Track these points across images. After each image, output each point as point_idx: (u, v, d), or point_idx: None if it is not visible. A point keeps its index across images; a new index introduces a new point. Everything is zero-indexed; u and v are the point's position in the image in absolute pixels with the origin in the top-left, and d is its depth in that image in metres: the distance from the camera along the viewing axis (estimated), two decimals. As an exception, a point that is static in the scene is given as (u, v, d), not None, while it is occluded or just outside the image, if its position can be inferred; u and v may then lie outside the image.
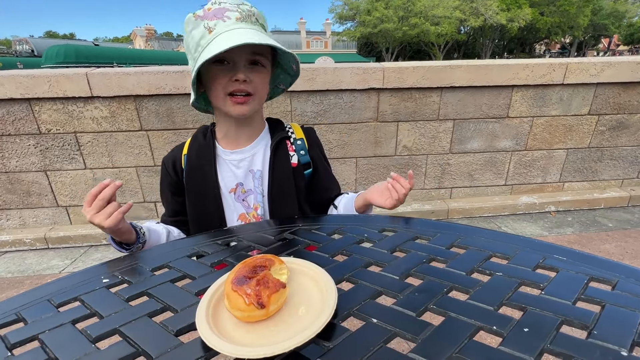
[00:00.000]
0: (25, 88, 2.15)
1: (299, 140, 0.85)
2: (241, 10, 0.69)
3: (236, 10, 0.68)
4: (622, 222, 2.63)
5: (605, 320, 0.40)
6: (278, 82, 0.86)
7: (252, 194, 0.82)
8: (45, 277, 2.13)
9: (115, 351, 0.40)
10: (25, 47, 20.83)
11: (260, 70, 0.74)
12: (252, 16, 0.70)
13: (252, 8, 0.71)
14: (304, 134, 0.87)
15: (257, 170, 0.82)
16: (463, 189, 2.85)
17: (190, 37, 0.70)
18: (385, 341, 0.39)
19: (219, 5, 0.68)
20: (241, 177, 0.81)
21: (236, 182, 0.81)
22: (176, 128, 2.38)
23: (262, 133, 0.84)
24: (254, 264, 0.46)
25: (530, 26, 27.21)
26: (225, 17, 0.67)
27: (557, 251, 0.56)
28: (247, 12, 0.69)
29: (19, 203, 2.48)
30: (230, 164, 0.81)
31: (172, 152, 0.85)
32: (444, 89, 2.48)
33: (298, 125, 0.89)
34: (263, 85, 0.76)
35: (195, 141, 0.83)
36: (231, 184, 0.81)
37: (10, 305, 0.50)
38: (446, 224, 0.69)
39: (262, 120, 0.86)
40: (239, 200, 0.82)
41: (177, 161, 0.83)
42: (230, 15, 0.68)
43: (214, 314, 0.44)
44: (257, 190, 0.82)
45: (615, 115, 2.71)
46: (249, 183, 0.82)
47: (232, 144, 0.82)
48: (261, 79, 0.74)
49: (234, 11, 0.68)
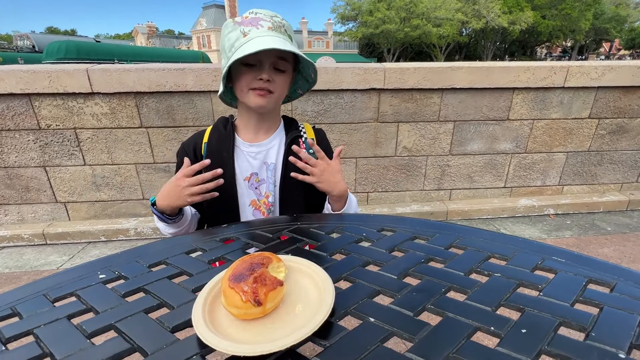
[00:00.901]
0: (25, 83, 2.15)
1: (310, 139, 0.94)
2: (274, 21, 0.80)
3: (269, 21, 0.79)
4: (621, 225, 2.63)
5: (603, 322, 0.40)
6: (297, 87, 0.96)
7: (264, 183, 0.91)
8: (42, 273, 2.13)
9: (110, 347, 0.39)
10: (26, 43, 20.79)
11: (282, 74, 0.83)
12: (282, 27, 0.81)
13: (283, 21, 0.82)
14: (314, 135, 0.96)
15: (271, 163, 0.91)
16: (462, 190, 2.85)
17: (226, 38, 0.80)
18: (383, 340, 0.39)
19: (255, 15, 0.80)
20: (256, 167, 0.90)
21: (251, 171, 0.90)
22: (176, 125, 2.38)
23: (278, 129, 0.94)
24: (251, 262, 0.46)
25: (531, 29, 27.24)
26: (259, 25, 0.78)
27: (555, 253, 0.56)
28: (278, 24, 0.80)
29: (17, 198, 2.47)
30: (247, 155, 0.90)
31: (193, 138, 0.93)
32: (444, 91, 2.48)
33: (310, 126, 0.98)
34: (283, 86, 0.85)
35: (216, 130, 0.91)
36: (246, 173, 0.90)
37: (5, 300, 0.50)
38: (445, 225, 0.69)
39: (278, 117, 0.96)
40: (252, 188, 0.91)
41: (198, 147, 0.91)
42: (263, 24, 0.78)
43: (210, 311, 0.44)
44: (270, 181, 0.91)
45: (616, 119, 2.72)
46: (263, 173, 0.91)
47: (251, 137, 0.91)
48: (282, 81, 0.84)
49: (267, 21, 0.79)
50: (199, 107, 2.34)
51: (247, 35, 0.77)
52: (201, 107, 2.35)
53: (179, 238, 0.71)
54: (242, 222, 0.77)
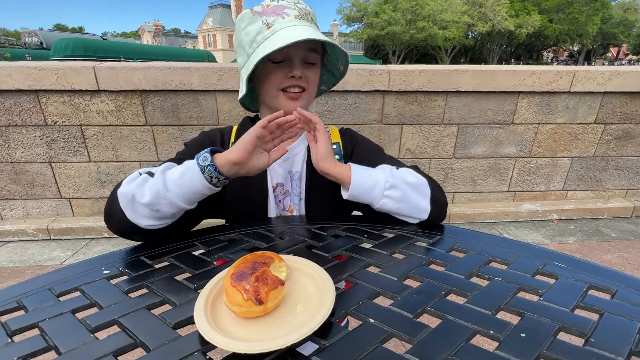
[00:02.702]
0: (33, 80, 2.17)
1: (334, 144, 0.81)
2: (299, 8, 0.70)
3: (294, 9, 0.69)
4: (626, 232, 2.61)
5: (603, 328, 0.40)
6: (321, 82, 0.85)
7: (289, 196, 0.80)
8: (46, 268, 2.15)
9: (113, 341, 0.40)
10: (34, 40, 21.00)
11: (314, 69, 0.74)
12: (308, 14, 0.71)
13: (308, 7, 0.72)
14: (340, 138, 0.83)
15: (296, 172, 0.80)
16: (465, 194, 2.84)
17: (244, 33, 0.70)
18: (382, 341, 0.39)
19: (277, 2, 0.69)
20: (281, 177, 0.80)
21: (277, 181, 0.80)
22: (181, 124, 2.40)
23: (304, 133, 0.81)
24: (253, 261, 0.46)
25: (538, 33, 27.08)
26: (285, 14, 0.68)
27: (557, 258, 0.56)
28: (304, 11, 0.70)
29: (23, 193, 2.50)
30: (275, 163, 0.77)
31: (220, 131, 0.82)
32: (449, 93, 2.48)
33: (336, 128, 0.86)
34: (315, 81, 0.76)
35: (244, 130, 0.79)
36: (274, 182, 0.80)
37: (11, 293, 0.50)
38: (446, 227, 0.69)
39: None
40: (276, 201, 0.80)
41: (225, 142, 0.80)
42: (289, 13, 0.68)
43: (212, 308, 0.44)
44: (295, 192, 0.80)
45: (622, 125, 2.70)
46: (288, 184, 0.80)
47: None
48: (314, 76, 0.75)
49: (292, 9, 0.69)
50: (204, 106, 2.36)
51: (271, 26, 0.67)
52: (206, 106, 2.36)
53: (182, 236, 0.71)
54: (244, 222, 0.77)
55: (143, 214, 0.60)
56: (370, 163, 0.73)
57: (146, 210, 0.60)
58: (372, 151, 0.83)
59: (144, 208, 0.59)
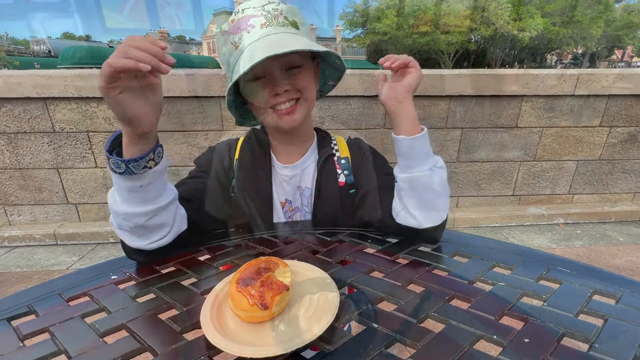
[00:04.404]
0: (41, 87, 2.22)
1: (343, 159, 0.78)
2: (266, 12, 0.63)
3: (260, 15, 0.62)
4: (634, 236, 2.58)
5: (608, 333, 0.40)
6: (326, 78, 0.80)
7: (298, 212, 0.78)
8: (53, 273, 2.17)
9: (122, 346, 0.41)
10: (42, 48, 21.39)
11: (301, 71, 0.67)
12: (280, 16, 0.64)
13: (280, 5, 0.64)
14: (348, 151, 0.79)
15: (306, 188, 0.77)
16: (470, 198, 2.83)
17: (222, 54, 0.68)
18: (386, 346, 0.39)
19: (242, 14, 0.63)
20: (290, 193, 0.77)
21: (285, 197, 0.78)
22: (185, 130, 2.42)
23: (312, 146, 0.79)
24: (258, 266, 0.47)
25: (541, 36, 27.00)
26: (249, 26, 0.62)
27: (561, 263, 0.56)
28: (273, 14, 0.63)
29: (30, 199, 2.54)
30: (281, 178, 0.77)
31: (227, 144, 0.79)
32: (452, 97, 2.48)
33: (344, 139, 0.82)
34: (309, 84, 0.69)
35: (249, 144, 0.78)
36: (281, 198, 0.78)
37: (22, 298, 0.52)
38: (449, 232, 0.69)
39: (311, 127, 0.80)
40: (285, 218, 0.78)
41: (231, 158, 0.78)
42: (254, 23, 0.62)
43: (218, 313, 0.45)
44: (305, 209, 0.77)
45: (628, 128, 2.68)
46: (297, 201, 0.78)
47: (285, 157, 0.77)
48: (305, 79, 0.68)
49: (258, 16, 0.62)
50: (208, 112, 2.38)
51: (238, 46, 0.63)
52: (210, 112, 2.39)
53: (188, 242, 0.72)
54: (248, 229, 0.77)
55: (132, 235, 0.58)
56: (369, 177, 0.73)
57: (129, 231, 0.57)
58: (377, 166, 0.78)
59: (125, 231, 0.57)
